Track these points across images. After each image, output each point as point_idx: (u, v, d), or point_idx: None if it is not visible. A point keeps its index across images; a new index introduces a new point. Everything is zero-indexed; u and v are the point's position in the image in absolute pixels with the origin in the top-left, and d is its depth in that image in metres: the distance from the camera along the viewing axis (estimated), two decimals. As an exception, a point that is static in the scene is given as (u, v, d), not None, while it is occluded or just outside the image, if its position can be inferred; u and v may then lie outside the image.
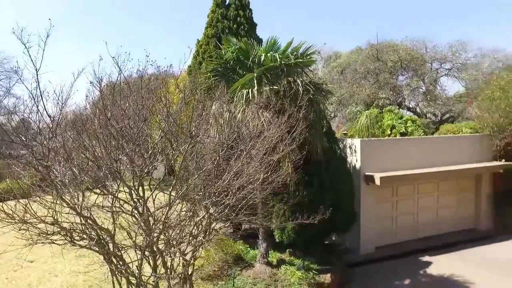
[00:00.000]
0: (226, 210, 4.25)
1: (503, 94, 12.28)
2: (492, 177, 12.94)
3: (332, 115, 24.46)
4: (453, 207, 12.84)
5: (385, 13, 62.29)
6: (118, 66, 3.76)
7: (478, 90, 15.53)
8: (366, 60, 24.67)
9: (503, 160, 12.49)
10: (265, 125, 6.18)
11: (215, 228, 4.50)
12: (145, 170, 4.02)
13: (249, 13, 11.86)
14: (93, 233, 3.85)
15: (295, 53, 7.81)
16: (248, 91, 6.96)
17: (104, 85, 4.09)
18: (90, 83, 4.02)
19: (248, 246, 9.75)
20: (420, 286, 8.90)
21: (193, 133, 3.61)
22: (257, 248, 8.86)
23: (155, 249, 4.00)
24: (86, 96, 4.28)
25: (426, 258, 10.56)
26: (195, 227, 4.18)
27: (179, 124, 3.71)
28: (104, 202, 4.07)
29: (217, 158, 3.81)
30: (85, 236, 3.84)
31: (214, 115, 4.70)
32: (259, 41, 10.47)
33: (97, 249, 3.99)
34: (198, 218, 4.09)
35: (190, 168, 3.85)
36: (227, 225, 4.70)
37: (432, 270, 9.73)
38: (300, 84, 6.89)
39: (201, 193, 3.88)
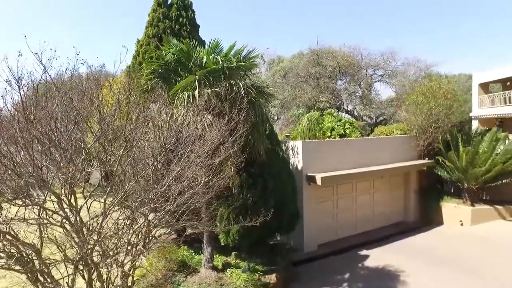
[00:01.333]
0: (167, 216, 4.11)
1: (425, 99, 13.58)
2: (417, 174, 14.21)
3: (276, 118, 25.02)
4: (386, 202, 13.82)
5: (325, 20, 65.53)
6: (41, 63, 3.42)
7: (405, 95, 16.96)
8: (308, 65, 25.65)
9: (426, 158, 13.82)
10: (207, 128, 6.12)
11: (156, 235, 4.32)
12: (78, 177, 3.73)
13: (192, 14, 11.65)
14: (13, 249, 3.45)
15: (237, 56, 7.83)
16: (190, 94, 6.83)
17: (26, 84, 3.67)
18: (7, 81, 3.58)
19: (192, 251, 9.55)
20: (359, 278, 9.40)
21: (129, 137, 3.42)
22: (202, 253, 8.71)
23: (89, 261, 3.71)
24: (2, 96, 3.81)
25: (363, 252, 11.22)
26: (133, 236, 3.97)
27: (113, 127, 3.48)
28: (29, 214, 3.67)
29: (155, 162, 3.65)
30: (1, 254, 3.40)
31: (153, 118, 4.50)
32: (202, 43, 10.34)
33: (18, 268, 3.57)
34: (137, 226, 3.88)
35: (127, 173, 3.64)
36: (168, 231, 4.53)
37: (369, 262, 10.36)
38: (242, 87, 6.92)
39: (139, 199, 3.69)
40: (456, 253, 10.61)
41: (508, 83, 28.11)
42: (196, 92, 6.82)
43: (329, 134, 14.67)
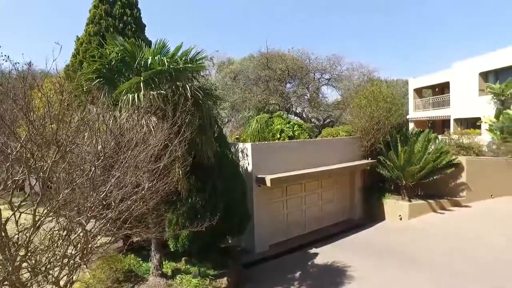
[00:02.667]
0: (108, 225, 3.88)
1: (367, 103, 14.42)
2: (362, 173, 15.01)
3: (226, 120, 24.99)
4: (334, 201, 14.42)
5: (273, 24, 66.90)
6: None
7: (350, 98, 17.85)
8: (257, 68, 26.00)
9: (369, 158, 14.67)
10: (153, 131, 5.92)
11: (97, 244, 4.06)
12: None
13: (137, 13, 11.18)
14: None
15: (184, 57, 7.67)
16: (134, 96, 6.55)
17: None
18: None
19: (140, 259, 9.18)
20: (309, 276, 9.67)
21: (63, 141, 3.17)
22: (150, 260, 8.40)
23: (14, 281, 3.34)
24: None
25: (313, 250, 11.55)
26: (70, 247, 3.68)
27: (42, 131, 3.18)
28: None
29: (93, 168, 3.43)
30: None
31: (92, 121, 4.23)
32: (148, 43, 9.96)
33: None
34: (73, 237, 3.60)
35: (62, 181, 3.37)
36: (111, 240, 4.28)
37: (318, 260, 10.69)
38: (188, 89, 6.80)
39: (76, 208, 3.44)
40: (396, 245, 11.36)
41: (437, 89, 30.87)
42: (141, 94, 6.56)
43: (278, 136, 14.96)
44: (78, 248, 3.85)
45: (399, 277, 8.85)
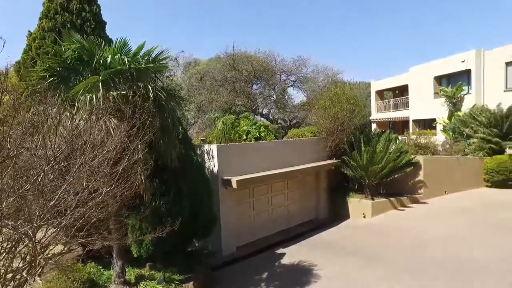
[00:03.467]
0: (62, 233, 3.63)
1: (331, 104, 14.76)
2: (327, 173, 15.32)
3: (192, 122, 24.63)
4: (300, 201, 14.59)
5: (240, 25, 67.00)
6: None
7: (315, 100, 18.18)
8: (224, 69, 25.86)
9: (334, 158, 15.02)
10: (112, 133, 5.65)
11: (49, 255, 3.78)
12: None
13: (97, 9, 10.65)
14: None
15: (146, 57, 7.41)
16: (92, 96, 6.23)
17: None
18: None
19: (101, 267, 8.75)
20: (276, 276, 9.69)
21: (5, 145, 2.90)
22: (112, 268, 8.04)
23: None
24: None
25: (280, 251, 11.62)
26: (17, 260, 3.38)
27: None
28: None
29: (42, 174, 3.17)
30: None
31: (39, 123, 3.91)
32: (109, 41, 9.52)
33: None
34: (20, 248, 3.32)
35: (6, 188, 3.08)
36: (65, 249, 4.01)
37: (285, 260, 10.76)
38: (151, 90, 6.56)
39: (23, 217, 3.17)
40: (359, 242, 11.71)
41: (397, 91, 32.33)
42: (100, 94, 6.25)
43: (245, 137, 14.93)
44: (26, 260, 3.56)
45: (363, 273, 9.10)
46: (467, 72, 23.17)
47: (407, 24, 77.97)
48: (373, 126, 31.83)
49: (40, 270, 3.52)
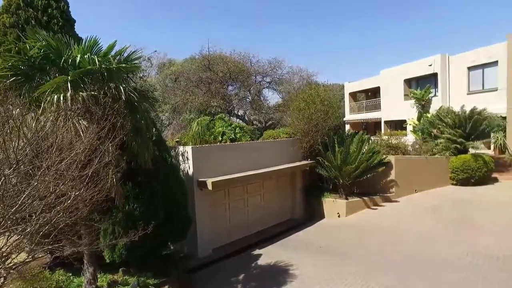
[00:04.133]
0: (26, 240, 3.46)
1: (306, 105, 14.96)
2: (302, 174, 15.51)
3: (167, 123, 24.26)
4: (276, 202, 14.67)
5: (215, 26, 66.74)
6: None
7: (290, 101, 18.36)
8: (199, 70, 25.65)
9: (309, 159, 15.23)
10: (82, 134, 5.46)
11: (11, 264, 3.59)
12: None
13: (65, 6, 10.19)
14: None
15: (118, 57, 7.23)
16: (60, 96, 5.99)
17: None
18: None
19: (71, 274, 8.45)
20: (253, 277, 9.70)
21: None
22: (83, 275, 7.77)
23: None
24: None
25: (256, 252, 11.63)
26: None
27: None
28: None
29: (2, 178, 3.01)
30: None
31: (5, 124, 3.71)
32: (78, 40, 9.19)
33: None
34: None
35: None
36: (29, 257, 3.82)
37: (262, 261, 10.78)
38: (123, 90, 6.39)
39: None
40: (334, 241, 11.92)
41: (369, 93, 33.27)
42: (68, 95, 6.02)
43: (220, 138, 14.85)
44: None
45: (337, 271, 9.26)
46: (434, 76, 24.22)
47: (379, 26, 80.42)
48: (347, 127, 32.58)
49: (2, 281, 3.33)
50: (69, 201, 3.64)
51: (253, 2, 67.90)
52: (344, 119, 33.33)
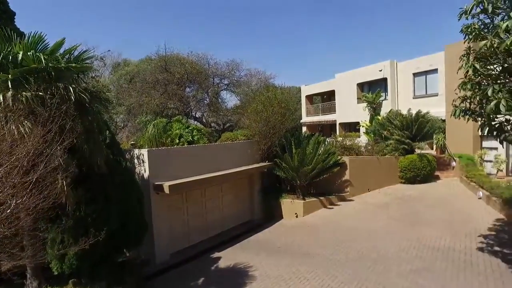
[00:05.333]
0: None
1: (263, 108, 15.13)
2: (260, 175, 15.65)
3: (122, 125, 23.34)
4: (235, 204, 14.65)
5: (172, 26, 65.46)
6: None
7: (248, 103, 18.49)
8: (155, 71, 24.99)
9: (267, 161, 15.42)
10: (27, 137, 5.08)
11: None
12: None
13: (0, -5, 9.37)
14: None
15: (67, 55, 6.82)
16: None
17: None
18: None
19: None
20: (212, 281, 9.62)
21: None
22: (26, 290, 7.20)
23: None
24: None
25: (216, 254, 11.55)
26: None
27: None
28: None
29: None
30: None
31: None
32: (20, 35, 8.50)
33: None
34: None
35: None
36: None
37: (221, 263, 10.73)
38: (72, 91, 6.04)
39: None
40: (292, 241, 12.14)
41: (325, 96, 34.43)
42: (9, 95, 5.57)
43: (177, 141, 14.58)
44: None
45: (295, 270, 9.46)
46: (384, 80, 25.64)
47: (336, 30, 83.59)
48: (304, 129, 33.41)
49: None
50: (8, 211, 3.36)
51: (213, 4, 67.55)
52: (301, 121, 34.16)
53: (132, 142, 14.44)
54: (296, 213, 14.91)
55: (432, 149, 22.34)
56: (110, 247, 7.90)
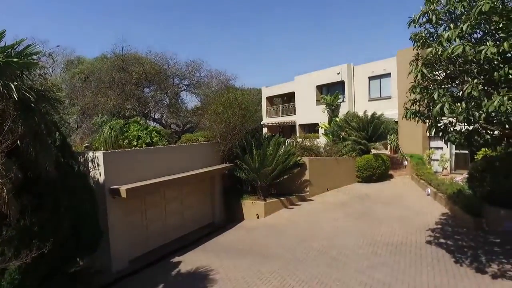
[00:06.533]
0: None
1: (224, 109, 15.06)
2: (221, 177, 15.55)
3: (75, 127, 22.11)
4: (195, 207, 14.39)
5: (130, 24, 63.31)
6: None
7: (208, 105, 18.31)
8: (112, 70, 23.98)
9: (227, 162, 15.36)
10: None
11: None
12: None
13: None
14: None
15: (9, 50, 6.31)
16: None
17: None
18: None
19: None
20: (173, 286, 9.37)
21: None
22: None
23: None
24: None
25: (176, 259, 11.27)
26: None
27: None
28: None
29: None
30: None
31: None
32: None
33: None
34: None
35: None
36: None
37: (182, 268, 10.48)
38: (14, 89, 5.58)
39: None
40: (254, 242, 12.17)
41: (285, 97, 35.04)
42: None
43: (135, 143, 14.07)
44: None
45: (256, 271, 9.48)
46: (342, 83, 26.59)
47: (297, 32, 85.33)
48: (265, 130, 33.75)
49: None
50: None
51: (171, 3, 66.18)
52: (262, 122, 34.47)
53: (86, 145, 13.69)
54: (257, 214, 14.98)
55: (386, 149, 23.52)
56: (61, 257, 7.43)
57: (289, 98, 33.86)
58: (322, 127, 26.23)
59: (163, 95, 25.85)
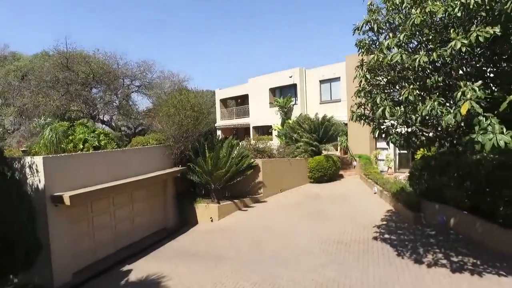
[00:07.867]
0: None
1: (176, 111, 14.74)
2: (174, 181, 15.19)
3: (12, 129, 20.35)
4: (147, 212, 13.87)
5: (74, 19, 59.82)
6: None
7: (160, 107, 17.82)
8: (55, 68, 22.40)
9: (180, 165, 15.06)
10: None
11: None
12: None
13: None
14: None
15: None
16: None
17: None
18: None
19: None
20: (121, 297, 8.99)
21: None
22: None
23: None
24: None
25: (126, 267, 10.81)
26: None
27: None
28: None
29: None
30: None
31: None
32: None
33: None
34: None
35: None
36: None
37: (132, 276, 10.05)
38: None
39: None
40: (208, 246, 12.03)
41: (239, 100, 35.20)
42: None
43: (81, 146, 13.27)
44: None
45: (210, 275, 9.38)
46: (294, 86, 27.32)
47: (252, 36, 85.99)
48: (219, 132, 33.64)
49: None
50: None
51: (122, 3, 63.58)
52: (216, 125, 34.31)
53: (23, 149, 12.64)
54: (211, 217, 14.85)
55: (337, 150, 24.54)
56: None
57: (243, 100, 34.07)
58: (275, 129, 26.70)
59: (113, 96, 24.65)
